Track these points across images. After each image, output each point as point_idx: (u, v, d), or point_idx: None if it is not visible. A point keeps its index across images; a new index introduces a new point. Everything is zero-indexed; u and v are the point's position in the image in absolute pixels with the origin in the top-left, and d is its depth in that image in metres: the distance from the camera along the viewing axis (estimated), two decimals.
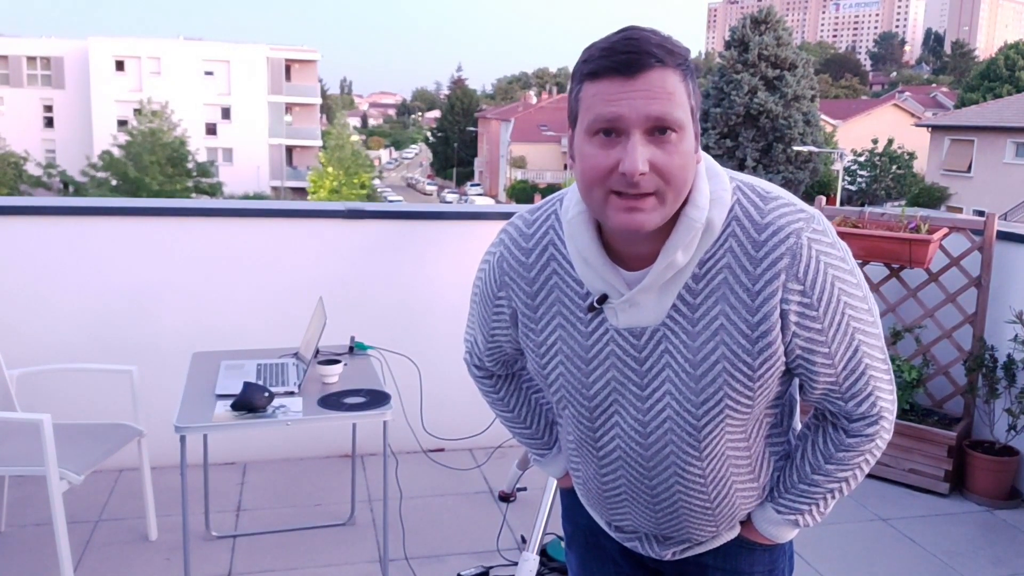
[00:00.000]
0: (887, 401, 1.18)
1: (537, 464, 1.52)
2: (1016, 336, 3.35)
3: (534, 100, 55.32)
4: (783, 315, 1.09)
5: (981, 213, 4.44)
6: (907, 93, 52.08)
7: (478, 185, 54.28)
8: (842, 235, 3.57)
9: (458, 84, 77.09)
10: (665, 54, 1.00)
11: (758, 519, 1.29)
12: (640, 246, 1.11)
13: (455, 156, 62.11)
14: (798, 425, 1.30)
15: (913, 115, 37.08)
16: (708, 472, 1.20)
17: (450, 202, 44.12)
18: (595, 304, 1.15)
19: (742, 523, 1.30)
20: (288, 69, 44.71)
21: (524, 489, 3.36)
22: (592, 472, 1.28)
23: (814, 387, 1.16)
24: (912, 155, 30.01)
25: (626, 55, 0.99)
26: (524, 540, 2.99)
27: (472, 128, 60.94)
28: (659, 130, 1.00)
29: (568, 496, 1.48)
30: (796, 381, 1.25)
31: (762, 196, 1.10)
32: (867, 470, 1.23)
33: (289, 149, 44.86)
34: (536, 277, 1.21)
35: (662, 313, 1.12)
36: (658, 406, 1.16)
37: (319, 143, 42.96)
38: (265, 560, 2.82)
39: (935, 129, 29.31)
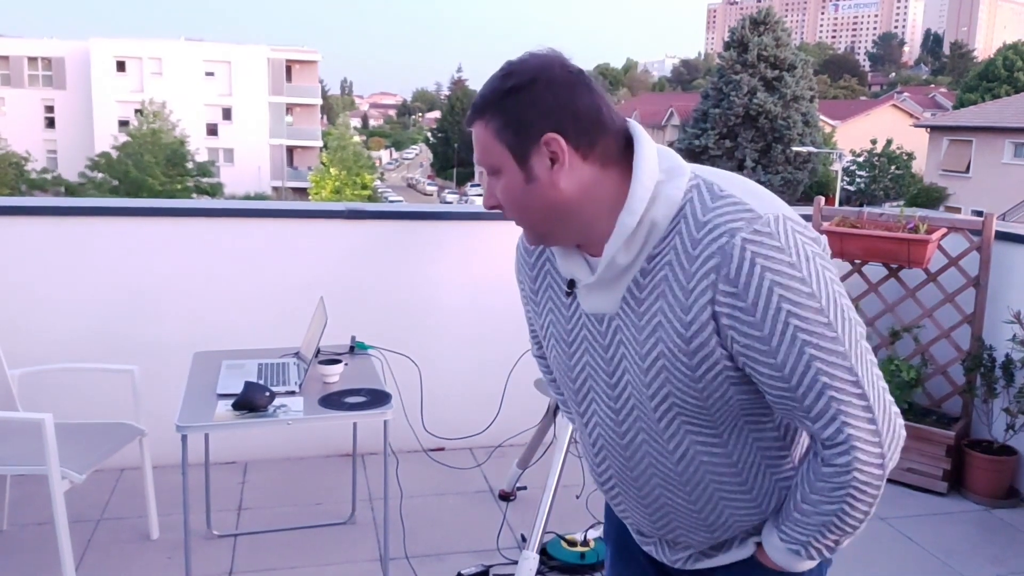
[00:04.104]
0: (860, 431, 1.08)
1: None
2: (1014, 336, 3.36)
3: None
4: (715, 317, 1.06)
5: (979, 213, 4.45)
6: (906, 94, 52.05)
7: (478, 185, 54.18)
8: (840, 235, 3.57)
9: (458, 85, 77.06)
10: (483, 106, 1.11)
11: (767, 543, 1.24)
12: (596, 239, 1.17)
13: (455, 157, 62.08)
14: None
15: (912, 116, 37.06)
16: (681, 471, 1.19)
17: (450, 202, 44.11)
18: (567, 289, 1.22)
19: (758, 544, 1.27)
20: (289, 70, 44.73)
21: (524, 488, 3.37)
22: (590, 462, 1.31)
23: (771, 401, 1.12)
24: (911, 155, 30.01)
25: (466, 112, 1.14)
26: (524, 539, 3.00)
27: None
28: (492, 171, 1.13)
29: None
30: None
31: (714, 194, 1.08)
32: (861, 508, 1.13)
33: (290, 149, 44.87)
34: (535, 263, 1.30)
35: (616, 302, 1.16)
36: (624, 395, 1.18)
37: (320, 144, 42.99)
38: (266, 559, 2.83)
39: (934, 129, 29.32)
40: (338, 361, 2.64)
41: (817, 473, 1.13)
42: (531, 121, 1.07)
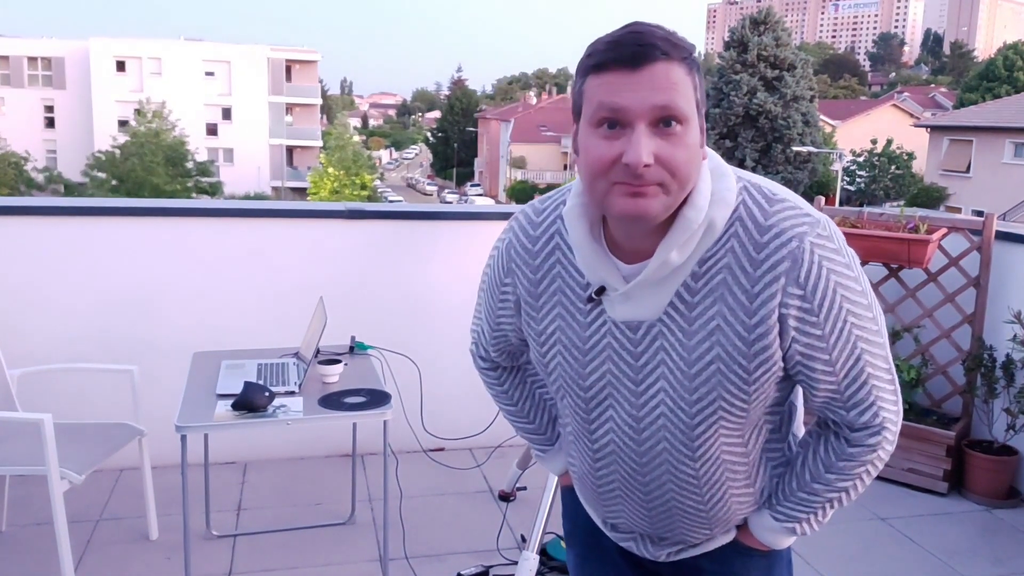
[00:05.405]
0: (890, 412, 1.16)
1: (539, 460, 1.52)
2: (1015, 336, 3.36)
3: (534, 100, 55.36)
4: (781, 319, 1.07)
5: (980, 213, 4.44)
6: (906, 93, 52.05)
7: (478, 185, 54.27)
8: None
9: (458, 84, 77.07)
10: (670, 47, 1.00)
11: (755, 526, 1.27)
12: (640, 241, 1.10)
13: (455, 156, 62.10)
14: (800, 431, 1.29)
15: (912, 115, 37.09)
16: (702, 474, 1.19)
17: (450, 202, 44.12)
18: (593, 296, 1.15)
19: (739, 527, 1.29)
20: (289, 69, 44.73)
21: (524, 488, 3.37)
22: (588, 467, 1.28)
23: (815, 395, 1.15)
24: (911, 155, 30.02)
25: (630, 47, 0.99)
26: (524, 539, 3.00)
27: (472, 128, 60.94)
28: (664, 121, 1.00)
29: (569, 494, 1.48)
30: (798, 389, 1.24)
31: (768, 197, 1.09)
32: (868, 481, 1.20)
33: (290, 149, 44.88)
34: (540, 265, 1.21)
35: (659, 309, 1.12)
36: (652, 402, 1.16)
37: (319, 143, 43.00)
38: (265, 559, 2.82)
39: (934, 129, 29.32)
40: (338, 361, 2.64)
41: (841, 453, 1.18)
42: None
